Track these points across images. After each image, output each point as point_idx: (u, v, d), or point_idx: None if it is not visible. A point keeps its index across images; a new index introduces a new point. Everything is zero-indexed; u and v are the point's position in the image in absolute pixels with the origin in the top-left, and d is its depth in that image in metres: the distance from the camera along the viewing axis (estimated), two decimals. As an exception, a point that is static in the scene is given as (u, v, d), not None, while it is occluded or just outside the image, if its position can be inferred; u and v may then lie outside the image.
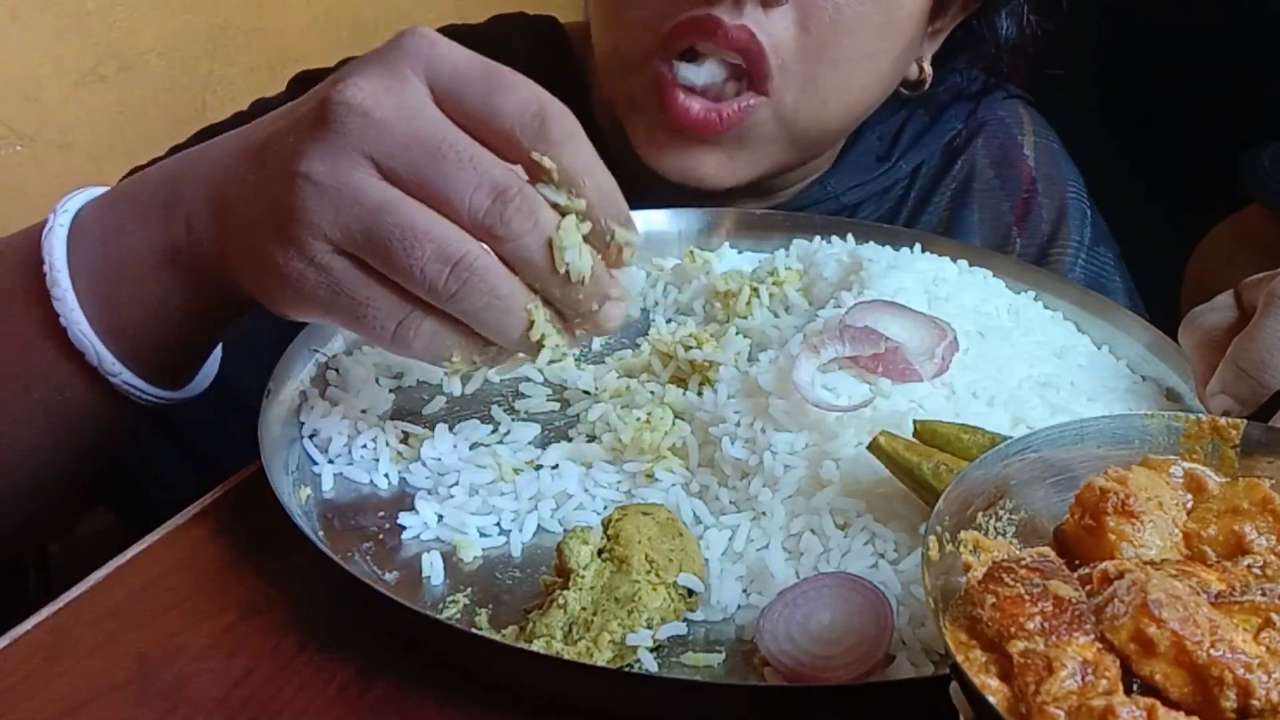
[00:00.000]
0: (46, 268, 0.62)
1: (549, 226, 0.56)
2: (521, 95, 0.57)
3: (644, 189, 0.87)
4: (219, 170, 0.61)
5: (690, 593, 0.57)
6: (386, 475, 0.65)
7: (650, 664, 0.53)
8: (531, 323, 0.58)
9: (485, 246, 0.56)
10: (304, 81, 0.95)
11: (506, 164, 0.56)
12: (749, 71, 0.81)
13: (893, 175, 0.98)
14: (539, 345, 0.59)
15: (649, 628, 0.54)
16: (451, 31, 0.99)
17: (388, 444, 0.67)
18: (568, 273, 0.57)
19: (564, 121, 0.57)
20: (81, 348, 0.62)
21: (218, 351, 0.71)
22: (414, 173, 0.55)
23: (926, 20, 0.88)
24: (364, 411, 0.69)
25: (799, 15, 0.80)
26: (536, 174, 0.57)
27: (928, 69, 0.93)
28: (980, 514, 0.47)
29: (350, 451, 0.67)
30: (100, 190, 0.66)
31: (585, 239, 0.58)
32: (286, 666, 0.54)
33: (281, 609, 0.57)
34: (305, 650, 0.55)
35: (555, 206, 0.57)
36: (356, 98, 0.55)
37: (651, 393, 0.71)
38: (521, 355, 0.61)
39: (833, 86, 0.84)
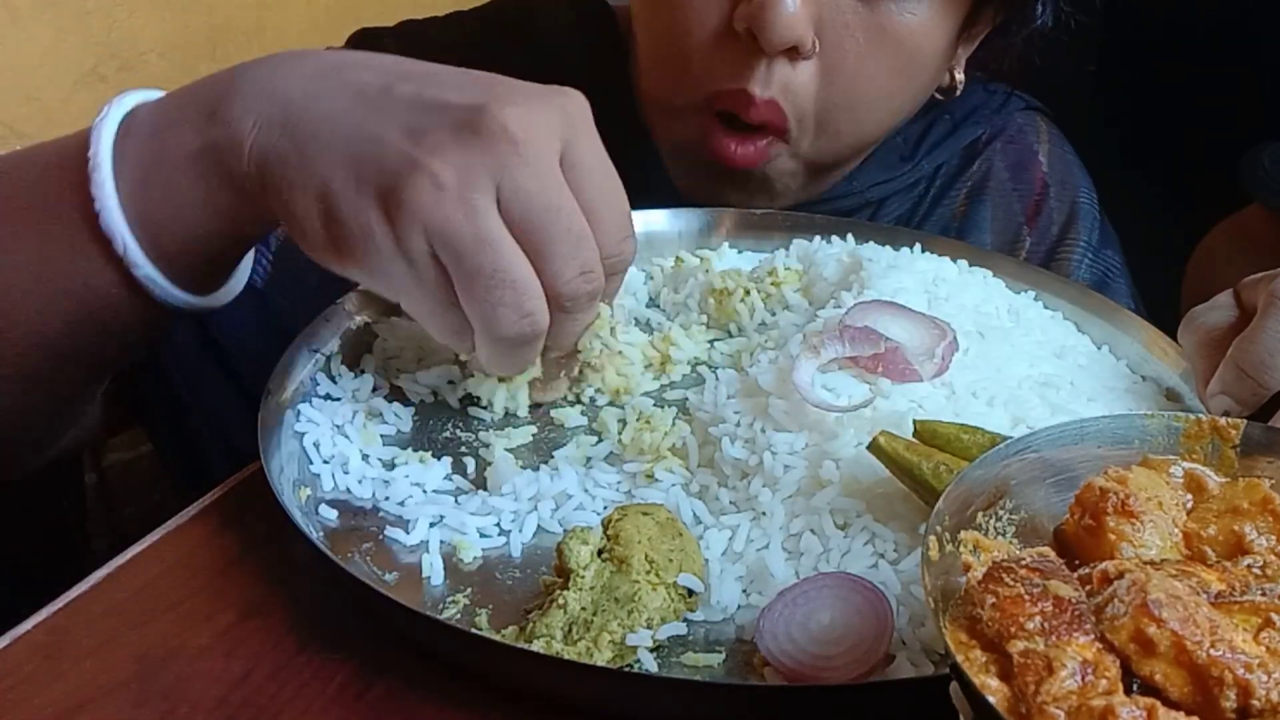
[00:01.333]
0: (91, 153, 0.62)
1: (594, 315, 0.66)
2: (623, 218, 0.64)
3: (678, 183, 0.93)
4: (297, 89, 0.61)
5: (690, 593, 0.57)
6: (386, 476, 0.65)
7: (650, 664, 0.53)
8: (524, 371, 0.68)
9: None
10: (366, 37, 0.98)
11: (596, 250, 0.62)
12: (770, 131, 0.86)
13: (915, 174, 1.01)
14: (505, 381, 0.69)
15: (649, 628, 0.54)
16: (495, 11, 1.00)
17: (389, 443, 0.67)
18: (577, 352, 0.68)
19: (630, 256, 0.65)
20: (109, 234, 0.62)
21: (246, 264, 0.71)
22: (528, 220, 0.59)
23: (955, 43, 0.90)
24: (363, 412, 0.69)
25: (823, 65, 0.83)
26: None
27: (959, 76, 0.95)
28: (980, 514, 0.47)
29: (350, 451, 0.66)
30: (158, 93, 0.67)
31: None
32: (286, 666, 0.54)
33: (281, 609, 0.57)
34: (305, 650, 0.55)
35: None
36: (514, 125, 0.58)
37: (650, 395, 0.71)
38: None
39: (848, 127, 0.88)
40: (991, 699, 0.38)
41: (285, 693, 0.53)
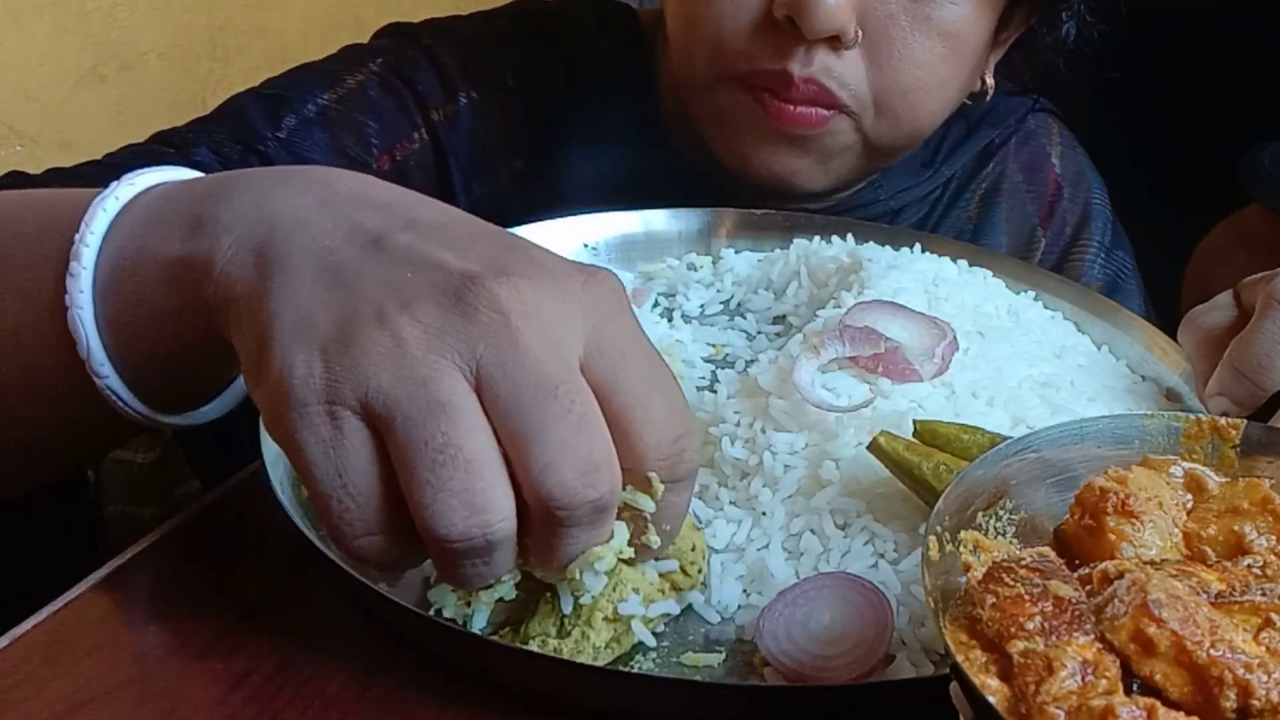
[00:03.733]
0: (78, 234, 0.56)
1: (602, 538, 0.50)
2: (674, 415, 0.50)
3: (712, 189, 0.90)
4: (286, 212, 0.53)
5: (684, 572, 0.56)
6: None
7: (646, 638, 0.54)
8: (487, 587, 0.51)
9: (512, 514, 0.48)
10: (399, 30, 0.97)
11: (612, 449, 0.48)
12: (826, 109, 0.84)
13: (934, 181, 1.01)
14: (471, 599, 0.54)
15: (638, 593, 0.54)
16: (521, 10, 1.00)
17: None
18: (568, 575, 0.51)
19: (693, 463, 0.51)
20: (75, 335, 0.56)
21: (232, 392, 0.63)
22: (512, 404, 0.46)
23: (990, 42, 0.90)
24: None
25: (868, 51, 0.82)
26: (634, 482, 0.50)
27: (990, 81, 0.96)
28: (980, 514, 0.47)
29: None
30: (180, 175, 0.60)
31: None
32: (286, 666, 0.54)
33: (281, 609, 0.57)
34: (305, 650, 0.55)
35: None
36: (507, 300, 0.47)
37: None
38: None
39: (905, 112, 0.86)
40: (991, 699, 0.38)
41: (285, 693, 0.53)
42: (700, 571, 0.57)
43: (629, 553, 0.52)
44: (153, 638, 0.56)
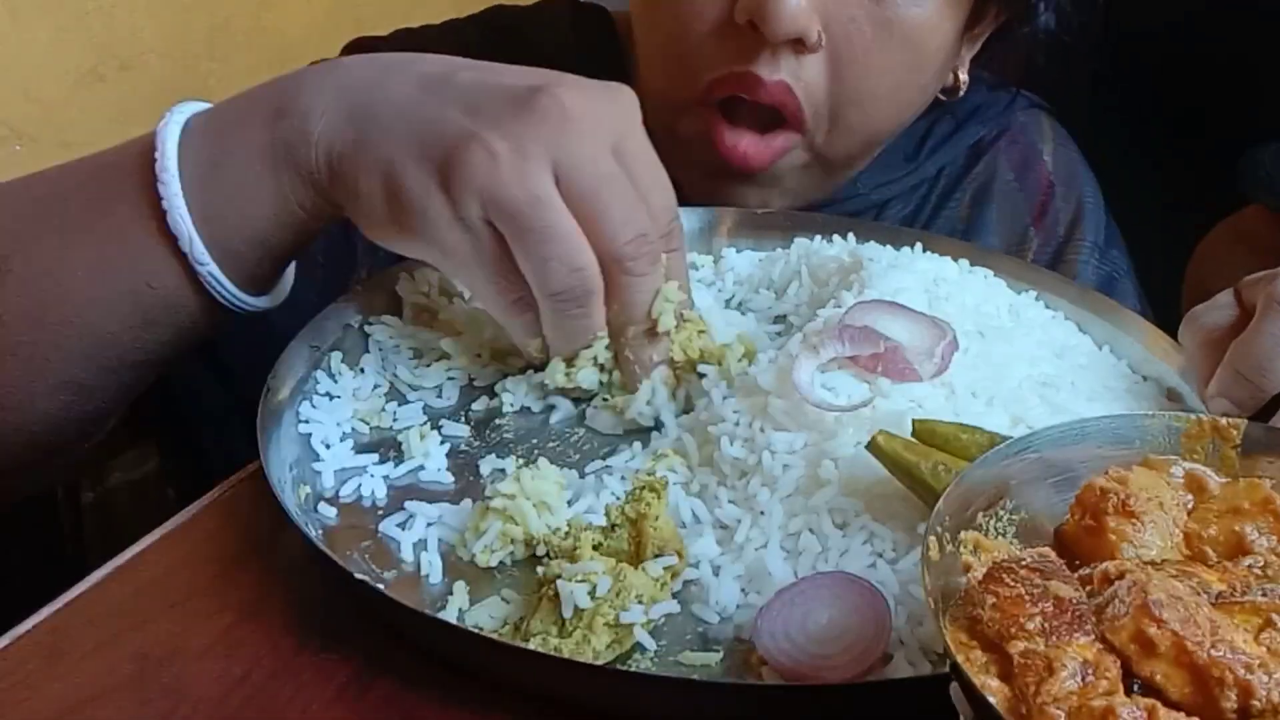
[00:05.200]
0: (157, 154, 0.65)
1: (660, 280, 0.66)
2: (671, 204, 0.67)
3: (686, 188, 0.90)
4: (361, 80, 0.65)
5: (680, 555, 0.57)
6: (386, 475, 0.65)
7: (648, 642, 0.54)
8: (590, 345, 0.66)
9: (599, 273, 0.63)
10: (362, 45, 0.97)
11: (649, 217, 0.64)
12: (785, 117, 0.84)
13: (919, 175, 1.00)
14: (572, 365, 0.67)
15: (640, 603, 0.54)
16: (497, 13, 1.00)
17: (388, 441, 0.67)
18: (652, 322, 0.67)
19: (682, 235, 0.68)
20: (176, 232, 0.64)
21: (292, 269, 0.73)
22: (583, 187, 0.62)
23: (959, 40, 0.90)
24: (363, 410, 0.69)
25: (830, 58, 0.83)
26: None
27: (963, 77, 0.95)
28: (980, 514, 0.47)
29: (349, 450, 0.67)
30: (206, 104, 0.70)
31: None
32: (286, 666, 0.54)
33: (281, 609, 0.57)
34: (305, 650, 0.55)
35: None
36: (570, 102, 0.62)
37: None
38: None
39: (859, 123, 0.87)
40: (991, 699, 0.38)
41: (285, 693, 0.53)
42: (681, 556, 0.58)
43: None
44: (153, 638, 0.56)
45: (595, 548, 0.57)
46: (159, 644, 0.55)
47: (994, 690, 0.38)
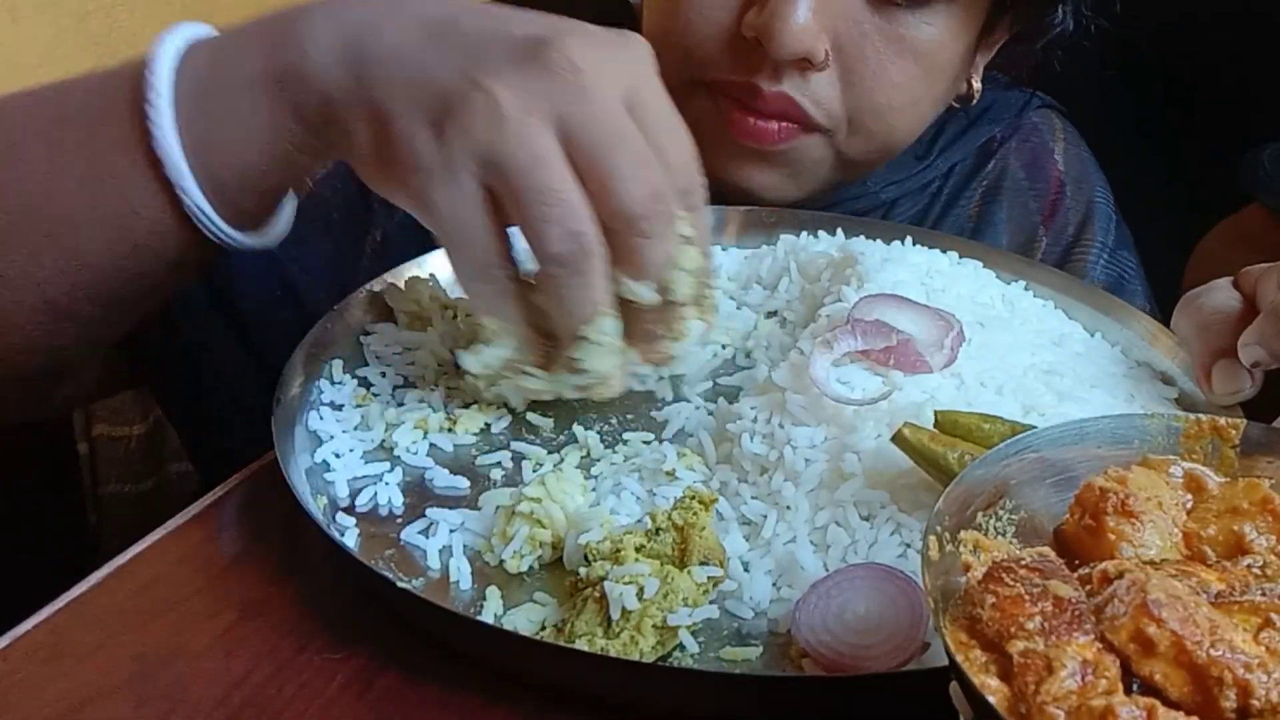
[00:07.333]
0: (148, 73, 0.63)
1: (674, 245, 0.61)
2: (690, 157, 0.62)
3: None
4: (361, 19, 0.62)
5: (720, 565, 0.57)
6: (398, 482, 0.64)
7: (691, 645, 0.54)
8: (596, 322, 0.61)
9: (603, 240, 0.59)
10: None
11: (662, 174, 0.60)
12: (792, 119, 0.84)
13: (929, 173, 1.00)
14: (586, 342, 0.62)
15: (686, 606, 0.54)
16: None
17: (393, 449, 0.66)
18: (666, 293, 0.62)
19: (704, 194, 0.64)
20: (162, 158, 0.62)
21: (290, 210, 0.71)
22: (589, 146, 0.58)
23: (972, 52, 0.90)
24: (364, 419, 0.69)
25: (841, 73, 0.83)
26: None
27: (977, 85, 0.95)
28: (980, 514, 0.47)
29: (359, 460, 0.66)
30: (209, 28, 0.67)
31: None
32: (286, 666, 0.54)
33: (281, 609, 0.57)
34: (306, 650, 0.55)
35: None
36: (579, 56, 0.58)
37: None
38: (542, 385, 0.65)
39: (879, 130, 0.87)
40: (991, 699, 0.38)
41: (285, 693, 0.53)
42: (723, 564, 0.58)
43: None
44: (153, 638, 0.56)
45: (638, 549, 0.57)
46: (159, 644, 0.55)
47: (994, 690, 0.38)
